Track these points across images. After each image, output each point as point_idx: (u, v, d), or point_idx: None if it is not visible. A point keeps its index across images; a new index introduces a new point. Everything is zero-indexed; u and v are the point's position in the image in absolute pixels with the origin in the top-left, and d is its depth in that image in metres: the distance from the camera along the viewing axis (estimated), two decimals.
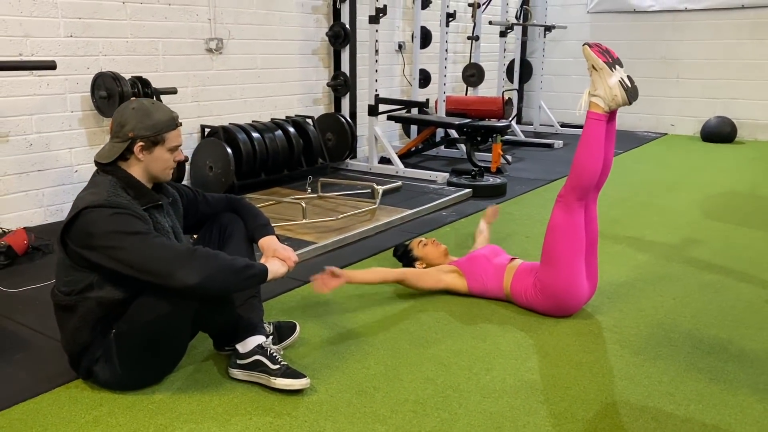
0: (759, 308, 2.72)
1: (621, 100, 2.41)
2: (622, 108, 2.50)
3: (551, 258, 2.59)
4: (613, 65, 2.43)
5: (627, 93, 2.41)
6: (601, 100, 2.44)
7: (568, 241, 2.55)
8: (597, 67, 2.43)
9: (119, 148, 1.98)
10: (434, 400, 2.02)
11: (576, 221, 2.55)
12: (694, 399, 2.02)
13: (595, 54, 2.43)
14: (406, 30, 6.72)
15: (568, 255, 2.55)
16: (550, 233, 2.60)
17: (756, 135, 7.52)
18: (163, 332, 1.95)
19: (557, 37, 8.39)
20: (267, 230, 2.25)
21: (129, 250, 1.82)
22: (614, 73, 2.41)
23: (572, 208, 2.54)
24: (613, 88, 2.40)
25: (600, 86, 2.43)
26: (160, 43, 4.40)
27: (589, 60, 2.44)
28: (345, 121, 5.53)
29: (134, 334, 1.93)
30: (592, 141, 2.51)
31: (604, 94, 2.43)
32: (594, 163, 2.53)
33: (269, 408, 1.97)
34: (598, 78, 2.43)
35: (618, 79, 2.41)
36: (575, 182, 2.54)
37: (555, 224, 2.59)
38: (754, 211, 4.34)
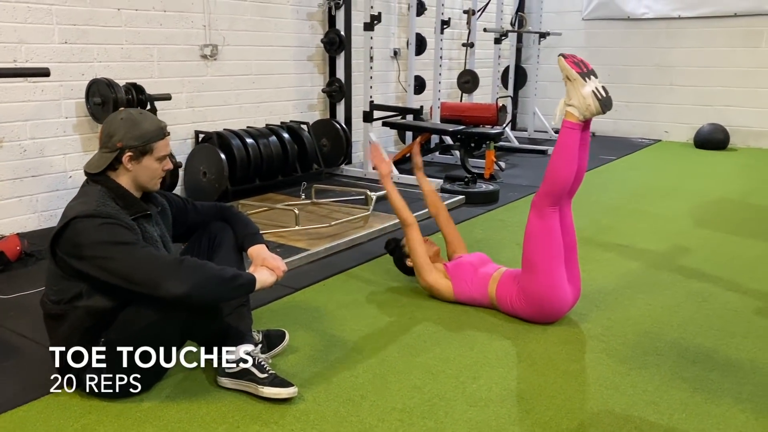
0: (745, 317, 2.74)
1: (594, 110, 2.46)
2: (619, 114, 2.54)
3: (531, 264, 2.62)
4: (587, 76, 2.47)
5: (600, 103, 2.45)
6: (576, 109, 2.48)
7: (545, 246, 2.58)
8: (571, 78, 2.48)
9: (108, 158, 1.99)
10: (421, 409, 2.03)
11: (551, 226, 2.59)
12: (678, 409, 2.04)
13: (569, 65, 2.48)
14: (401, 36, 6.75)
15: (546, 260, 2.58)
16: (528, 240, 2.64)
17: (748, 142, 7.56)
18: (151, 341, 1.96)
19: (552, 44, 8.41)
20: (256, 239, 2.26)
21: (117, 260, 1.84)
22: (587, 83, 2.46)
23: (546, 214, 2.59)
24: (587, 97, 2.44)
25: (574, 96, 2.48)
26: (155, 50, 4.42)
27: (564, 71, 2.49)
28: (340, 127, 5.55)
29: (123, 342, 1.94)
30: (566, 148, 2.55)
31: (578, 104, 2.47)
32: (567, 169, 2.56)
33: (257, 416, 1.99)
34: (573, 88, 2.48)
35: (591, 89, 2.45)
36: (549, 188, 2.59)
37: (531, 230, 2.63)
38: (744, 220, 4.37)
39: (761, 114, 7.43)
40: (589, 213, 4.39)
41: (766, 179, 5.73)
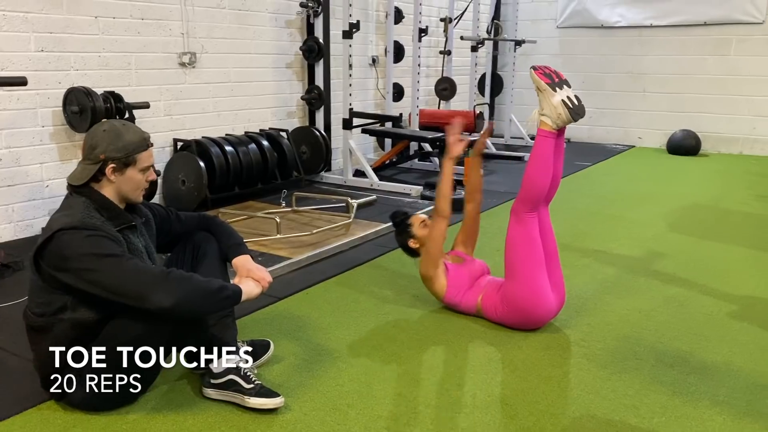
0: (719, 321, 2.81)
1: (566, 118, 2.52)
2: (594, 121, 2.60)
3: (513, 271, 2.66)
4: (558, 86, 2.54)
5: (571, 111, 2.51)
6: (548, 118, 2.56)
7: (526, 252, 2.63)
8: (541, 89, 2.55)
9: (91, 170, 1.99)
10: (407, 417, 2.05)
11: (530, 232, 2.63)
12: (658, 412, 2.09)
13: (539, 76, 2.55)
14: (379, 44, 6.79)
15: (528, 266, 2.62)
16: (509, 247, 2.68)
17: (719, 148, 7.73)
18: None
19: (527, 51, 8.53)
20: (241, 249, 2.26)
21: (103, 272, 1.83)
22: (557, 93, 2.52)
23: (525, 220, 2.63)
24: (557, 107, 2.51)
25: (546, 106, 2.55)
26: (132, 58, 4.39)
27: (534, 82, 2.57)
28: (319, 135, 5.56)
29: (110, 355, 1.93)
30: (542, 156, 2.61)
31: (549, 113, 2.54)
32: (543, 176, 2.62)
33: (243, 427, 1.99)
34: (544, 98, 2.55)
35: (561, 99, 2.51)
36: (526, 194, 2.64)
37: (512, 237, 2.67)
38: (716, 224, 4.48)
39: (731, 120, 7.61)
40: (565, 219, 4.46)
41: (737, 185, 5.86)
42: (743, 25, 7.37)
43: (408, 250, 2.99)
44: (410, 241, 2.94)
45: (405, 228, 2.98)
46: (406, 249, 3.01)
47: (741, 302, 3.02)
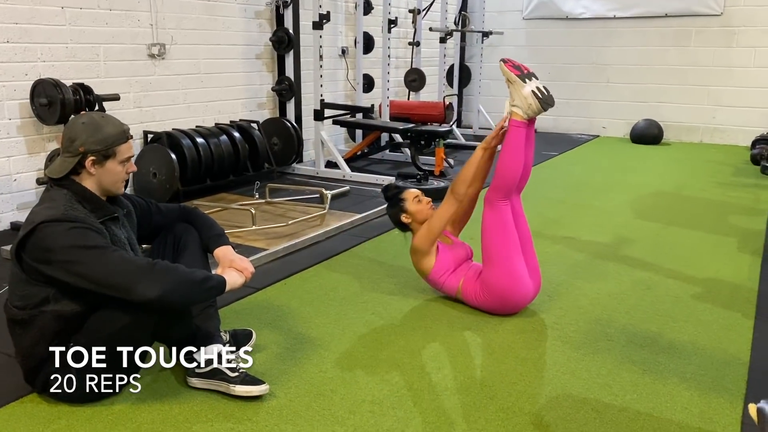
0: (685, 303, 2.93)
1: (536, 108, 2.61)
2: (560, 112, 2.67)
3: (490, 257, 2.73)
4: (526, 77, 2.62)
5: (541, 101, 2.60)
6: (519, 108, 2.64)
7: (501, 238, 2.70)
8: (511, 81, 2.63)
9: (70, 162, 1.98)
10: (390, 400, 2.11)
11: (504, 219, 2.71)
12: (630, 389, 2.18)
13: (509, 69, 2.64)
14: (348, 35, 6.80)
15: (504, 251, 2.70)
16: (484, 234, 2.75)
17: (680, 137, 7.95)
18: (122, 344, 1.96)
19: (494, 43, 8.64)
20: (222, 240, 2.28)
21: (88, 264, 1.84)
22: (527, 84, 2.60)
23: (498, 207, 2.71)
24: (527, 97, 2.59)
25: (516, 97, 2.63)
26: (101, 49, 4.34)
27: (504, 74, 2.65)
28: (291, 126, 5.56)
29: (94, 346, 1.94)
30: (514, 145, 2.69)
31: (520, 104, 2.62)
32: (515, 164, 2.70)
33: (230, 414, 2.02)
34: (514, 90, 2.63)
35: (531, 90, 2.59)
36: (499, 182, 2.72)
37: (486, 224, 2.74)
38: (680, 211, 4.62)
39: (692, 110, 7.83)
40: (535, 207, 4.54)
41: (698, 173, 6.05)
42: (702, 17, 7.58)
43: (399, 224, 2.98)
44: (402, 216, 2.93)
45: (398, 202, 2.96)
46: (397, 223, 2.99)
47: (704, 284, 3.14)
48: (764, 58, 7.35)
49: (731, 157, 6.85)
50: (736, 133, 7.63)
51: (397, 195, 3.01)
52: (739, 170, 6.15)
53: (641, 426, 1.97)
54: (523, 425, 1.97)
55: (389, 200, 3.04)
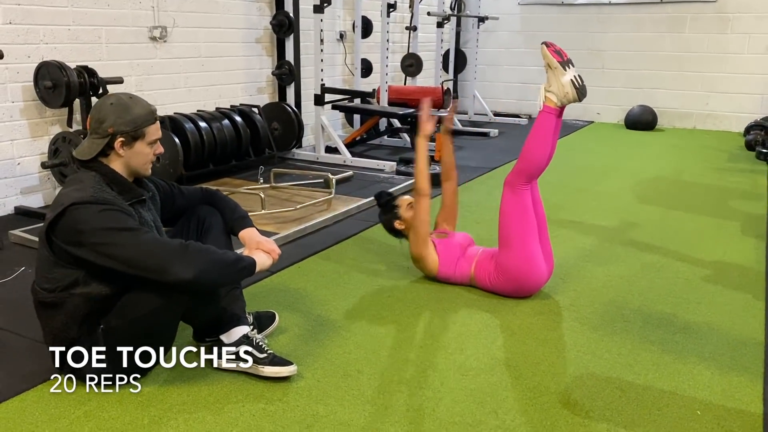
0: (695, 285, 2.97)
1: (572, 97, 2.60)
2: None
3: (507, 241, 2.75)
4: (567, 65, 2.60)
5: (578, 91, 2.59)
6: (554, 95, 2.62)
7: (520, 222, 2.72)
8: (552, 66, 2.60)
9: (99, 144, 1.97)
10: (417, 380, 2.13)
11: (525, 203, 2.73)
12: (651, 369, 2.22)
13: (551, 53, 2.60)
14: (346, 19, 6.76)
15: (522, 235, 2.72)
16: (503, 217, 2.76)
17: (674, 123, 8.02)
18: (154, 326, 1.97)
19: (489, 28, 8.63)
20: (246, 222, 2.28)
21: (121, 246, 1.83)
22: (567, 72, 2.59)
23: (520, 192, 2.72)
24: (566, 85, 2.58)
25: (554, 83, 2.61)
26: (103, 31, 4.28)
27: (546, 59, 2.61)
28: (291, 111, 5.54)
29: (124, 329, 1.94)
30: (543, 132, 2.69)
31: (557, 91, 2.61)
32: (543, 151, 2.71)
33: (260, 395, 2.03)
34: (553, 76, 2.61)
35: (570, 78, 2.58)
36: (524, 167, 2.72)
37: (506, 208, 2.75)
38: (680, 196, 4.68)
39: (685, 96, 7.90)
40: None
41: (694, 158, 6.11)
42: (697, 3, 7.63)
43: (394, 231, 3.03)
44: (396, 223, 2.98)
45: (391, 209, 3.01)
46: (391, 230, 3.04)
47: (713, 267, 3.20)
48: (758, 45, 7.42)
49: (725, 143, 6.93)
50: (729, 120, 7.72)
51: (390, 202, 3.04)
52: (734, 156, 6.23)
53: (666, 404, 2.01)
54: (551, 403, 2.00)
55: (382, 207, 3.08)
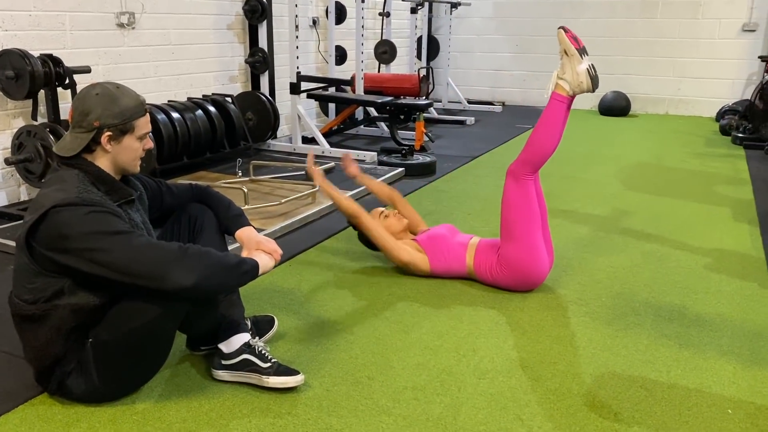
0: (699, 274, 2.92)
1: (586, 87, 2.49)
2: (528, 84, 2.57)
3: (511, 232, 2.64)
4: (583, 53, 2.49)
5: (592, 81, 2.48)
6: (567, 83, 2.51)
7: (525, 213, 2.62)
8: (569, 53, 2.49)
9: (84, 139, 1.78)
10: (432, 386, 2.01)
11: (529, 194, 2.63)
12: (672, 365, 2.13)
13: (569, 39, 2.48)
14: (319, 5, 6.56)
15: (526, 227, 2.61)
16: (507, 208, 2.65)
17: (647, 108, 8.05)
18: (149, 338, 1.79)
19: (462, 14, 8.52)
20: (242, 221, 2.12)
21: (113, 252, 1.65)
22: (584, 60, 2.48)
23: (523, 182, 2.62)
24: (581, 74, 2.47)
25: (568, 71, 2.50)
26: (67, 17, 4.02)
27: (563, 44, 2.49)
28: (266, 100, 5.33)
29: (117, 341, 1.76)
30: (553, 120, 2.58)
31: (570, 79, 2.50)
32: (551, 140, 2.61)
33: (266, 408, 1.88)
34: (568, 63, 2.50)
35: (586, 67, 2.47)
36: (530, 157, 2.62)
37: (510, 198, 2.65)
38: (665, 182, 4.65)
39: (658, 82, 7.92)
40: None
41: (671, 144, 6.11)
42: None
43: (374, 246, 2.90)
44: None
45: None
46: (372, 247, 2.93)
47: (712, 255, 3.15)
48: (729, 30, 7.47)
49: (699, 128, 6.96)
50: (701, 105, 7.77)
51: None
52: (711, 141, 6.25)
53: (695, 403, 1.92)
54: (576, 407, 1.90)
55: (357, 228, 2.93)
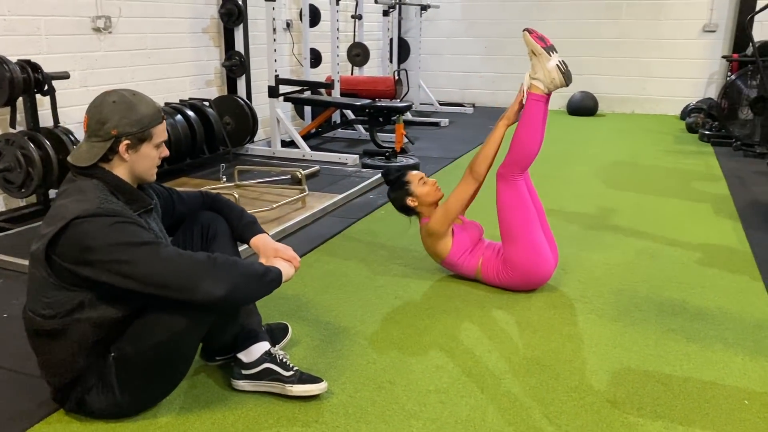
0: (693, 269, 2.99)
1: (559, 83, 2.56)
2: (497, 86, 2.62)
3: (511, 234, 2.67)
4: (550, 50, 2.55)
5: (564, 76, 2.55)
6: (541, 82, 2.57)
7: (521, 213, 2.65)
8: (536, 53, 2.55)
9: (101, 148, 1.72)
10: (455, 388, 2.01)
11: (521, 194, 2.66)
12: (683, 359, 2.18)
13: (535, 40, 2.55)
14: (292, 8, 6.51)
15: (524, 226, 2.64)
16: (503, 210, 2.67)
17: (614, 108, 8.23)
18: (175, 350, 1.75)
19: (431, 17, 8.57)
20: (256, 228, 2.09)
21: (140, 263, 1.61)
22: (552, 57, 2.54)
23: (514, 183, 2.66)
24: (552, 71, 2.53)
25: (539, 70, 2.56)
26: (42, 21, 3.90)
27: (529, 45, 2.56)
28: (244, 104, 5.27)
29: (142, 355, 1.71)
30: (533, 120, 2.64)
31: (543, 77, 2.55)
32: (535, 140, 2.66)
33: (292, 417, 1.86)
34: (538, 62, 2.56)
35: (555, 63, 2.53)
36: (517, 157, 2.66)
37: (504, 201, 2.67)
38: (644, 180, 4.75)
39: (624, 81, 8.11)
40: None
41: (642, 142, 6.25)
42: None
43: (405, 208, 2.83)
44: (408, 199, 2.78)
45: (402, 185, 2.81)
46: (402, 207, 2.84)
47: (702, 250, 3.23)
48: (690, 31, 7.70)
49: (666, 126, 7.15)
50: (665, 103, 7.98)
51: (400, 178, 2.85)
52: (679, 138, 6.43)
53: (712, 395, 1.97)
54: (600, 404, 1.93)
55: (391, 184, 2.89)
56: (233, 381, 1.98)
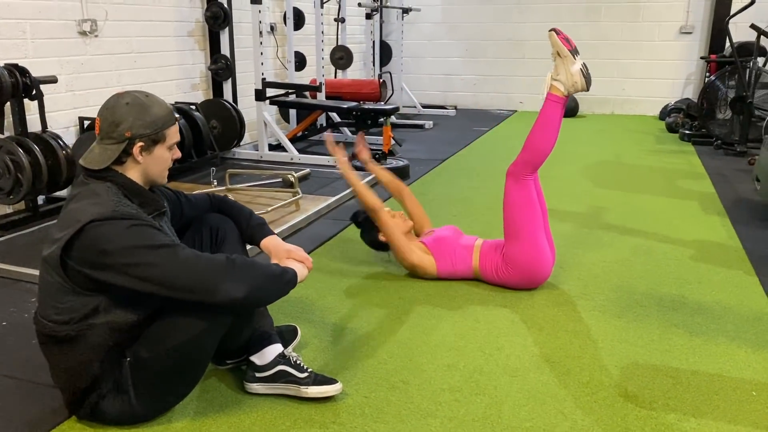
0: (688, 265, 3.05)
1: (580, 86, 2.57)
2: (478, 88, 2.65)
3: (515, 232, 2.69)
4: (576, 53, 2.57)
5: (586, 80, 2.56)
6: (562, 84, 2.58)
7: (527, 212, 2.67)
8: (562, 54, 2.56)
9: (114, 150, 1.71)
10: (468, 386, 2.02)
11: (530, 194, 2.69)
12: (689, 353, 2.22)
13: (561, 41, 2.55)
14: (276, 11, 6.49)
15: (529, 226, 2.67)
16: (510, 208, 2.70)
17: (593, 109, 8.34)
18: (192, 353, 1.73)
19: (411, 20, 8.60)
20: (266, 230, 2.08)
21: (159, 266, 1.59)
22: (576, 61, 2.55)
23: (525, 182, 2.68)
24: (575, 75, 2.55)
25: (562, 72, 2.57)
26: (27, 25, 3.83)
27: (555, 46, 2.56)
28: (231, 107, 5.23)
29: (158, 359, 1.69)
30: (550, 121, 2.65)
31: (564, 80, 2.57)
32: (549, 140, 2.68)
33: (309, 419, 1.85)
34: (562, 64, 2.57)
35: (579, 67, 2.55)
36: (529, 157, 2.68)
37: (512, 199, 2.69)
38: (630, 179, 4.82)
39: (603, 83, 8.19)
40: (494, 179, 4.54)
41: (624, 142, 6.34)
42: None
43: (378, 245, 2.92)
44: (380, 236, 2.87)
45: (370, 225, 2.90)
46: (376, 245, 2.94)
47: (695, 247, 3.29)
48: (668, 32, 7.84)
49: (646, 126, 7.27)
50: (644, 104, 8.11)
51: (367, 218, 2.91)
52: (660, 138, 6.54)
53: (721, 387, 2.01)
54: (612, 398, 1.95)
55: (361, 225, 2.97)
56: (247, 384, 1.97)
